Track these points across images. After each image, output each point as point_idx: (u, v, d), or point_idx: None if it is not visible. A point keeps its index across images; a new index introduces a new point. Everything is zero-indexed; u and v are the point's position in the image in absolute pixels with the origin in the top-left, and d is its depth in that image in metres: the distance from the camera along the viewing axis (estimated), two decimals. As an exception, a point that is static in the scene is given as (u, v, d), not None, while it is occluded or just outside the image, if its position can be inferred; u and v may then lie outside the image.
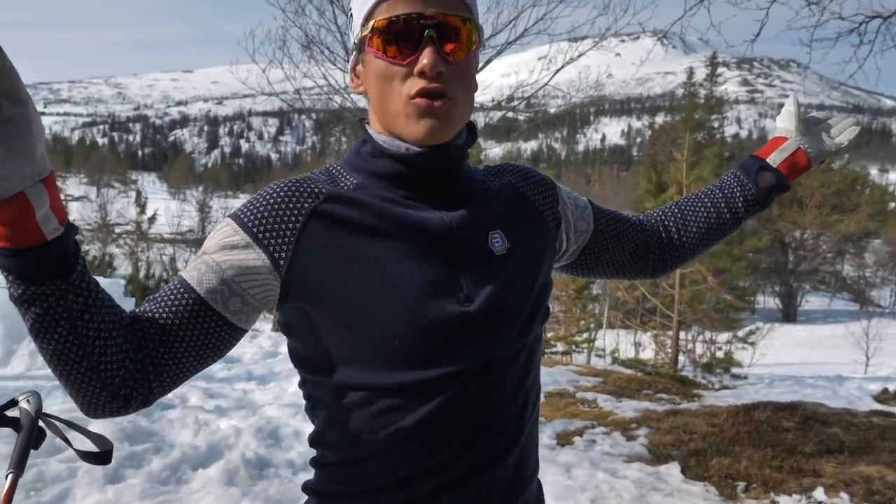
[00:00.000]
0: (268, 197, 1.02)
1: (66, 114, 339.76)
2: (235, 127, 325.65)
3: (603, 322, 24.39)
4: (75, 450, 1.41)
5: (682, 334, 12.84)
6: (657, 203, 15.72)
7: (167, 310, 0.98)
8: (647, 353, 17.59)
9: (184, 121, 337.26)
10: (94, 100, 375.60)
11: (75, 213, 41.83)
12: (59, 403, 5.09)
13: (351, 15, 1.07)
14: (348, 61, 1.13)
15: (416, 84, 0.98)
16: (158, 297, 1.00)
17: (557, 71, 11.51)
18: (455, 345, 1.01)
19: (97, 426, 4.53)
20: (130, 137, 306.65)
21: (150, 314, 0.98)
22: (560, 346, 17.28)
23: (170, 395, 5.55)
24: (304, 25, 10.16)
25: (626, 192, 37.22)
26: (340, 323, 0.99)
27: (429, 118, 0.99)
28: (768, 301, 39.77)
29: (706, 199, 1.41)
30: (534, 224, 1.17)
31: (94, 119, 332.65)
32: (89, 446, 1.41)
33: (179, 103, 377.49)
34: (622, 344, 20.37)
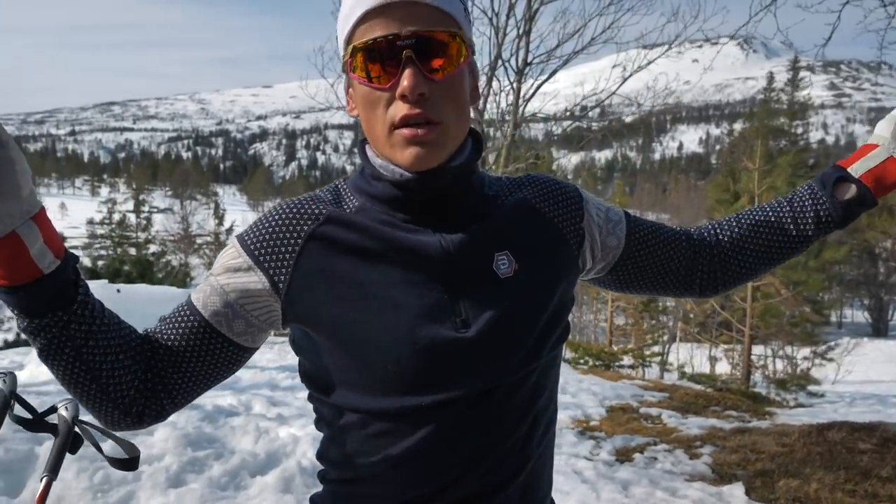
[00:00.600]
0: (270, 219, 1.03)
1: (153, 129, 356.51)
2: (312, 140, 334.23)
3: (676, 335, 23.74)
4: (105, 456, 1.47)
5: (755, 349, 12.34)
6: (727, 214, 15.20)
7: (175, 331, 1.01)
8: (723, 368, 17.02)
9: (263, 134, 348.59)
10: (180, 115, 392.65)
11: (159, 224, 43.84)
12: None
13: (337, 37, 1.04)
14: None
15: (399, 109, 0.94)
16: (169, 318, 1.03)
17: (626, 80, 11.36)
18: (450, 371, 0.99)
19: (162, 432, 4.71)
20: (213, 151, 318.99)
21: (159, 335, 1.02)
22: (627, 360, 16.89)
23: (234, 402, 5.70)
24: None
25: (702, 201, 36.19)
26: (337, 346, 1.00)
27: (415, 146, 0.95)
28: (857, 315, 37.83)
29: (770, 214, 1.25)
30: (549, 242, 1.11)
31: (178, 134, 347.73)
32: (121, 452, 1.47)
33: (259, 118, 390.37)
34: (697, 358, 19.76)
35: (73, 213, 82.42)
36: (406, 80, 0.91)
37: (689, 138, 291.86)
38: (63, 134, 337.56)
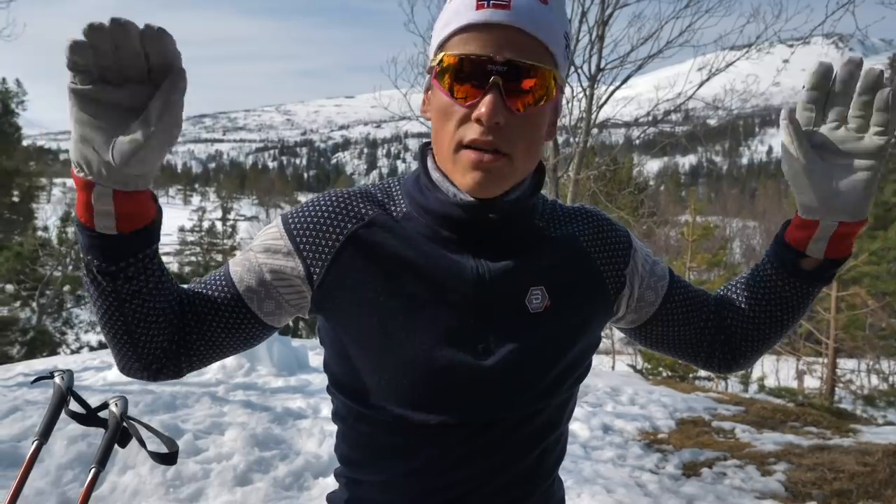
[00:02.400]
0: (317, 208, 1.04)
1: (241, 140, 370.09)
2: (392, 148, 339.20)
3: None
4: (147, 451, 1.56)
5: (845, 363, 11.71)
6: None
7: (207, 299, 1.03)
8: (812, 382, 16.22)
9: (345, 144, 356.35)
10: (266, 126, 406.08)
11: (244, 231, 45.43)
12: (207, 408, 5.56)
13: (432, 36, 1.02)
14: None
15: (470, 131, 0.92)
16: (204, 282, 1.06)
17: (703, 83, 11.05)
18: (462, 396, 0.99)
19: (232, 432, 4.89)
20: (297, 161, 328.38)
21: (192, 299, 1.03)
22: (703, 372, 16.30)
23: (303, 405, 5.85)
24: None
25: (791, 207, 34.62)
26: (357, 349, 1.01)
27: (477, 171, 0.93)
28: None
29: (754, 276, 1.18)
30: (588, 284, 1.09)
31: (265, 144, 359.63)
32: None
33: (342, 127, 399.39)
34: (782, 371, 18.92)
35: (166, 221, 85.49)
36: (485, 105, 0.90)
37: (779, 142, 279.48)
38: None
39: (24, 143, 29.49)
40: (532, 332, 1.01)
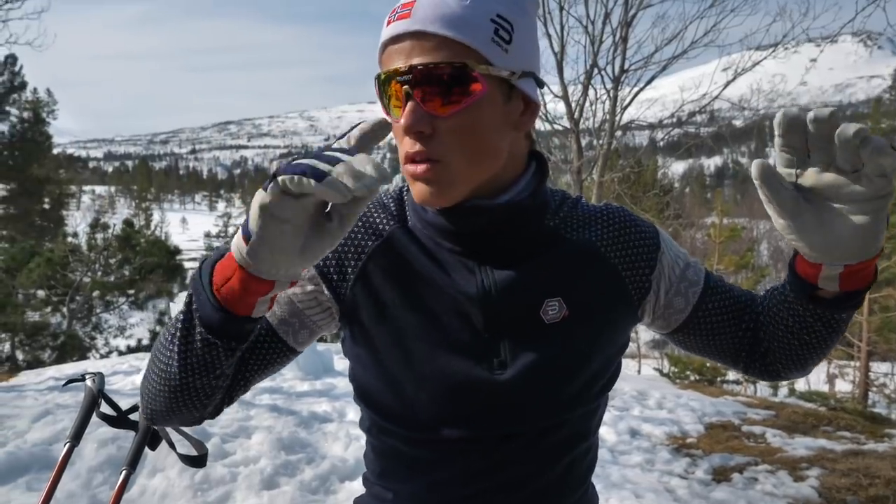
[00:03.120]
0: None
1: (265, 146, 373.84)
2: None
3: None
4: (178, 453, 1.57)
5: (879, 366, 11.49)
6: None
7: None
8: (843, 387, 15.94)
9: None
10: (290, 132, 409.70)
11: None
12: (234, 412, 5.59)
13: None
14: None
15: (405, 145, 0.91)
16: None
17: (728, 83, 10.94)
18: (480, 411, 0.98)
19: (258, 435, 4.92)
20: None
21: None
22: (732, 375, 16.10)
23: (329, 409, 5.87)
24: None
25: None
26: (378, 364, 1.01)
27: (417, 183, 0.92)
28: None
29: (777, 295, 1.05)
30: (609, 291, 1.03)
31: (289, 150, 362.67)
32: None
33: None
34: (813, 375, 18.60)
35: (192, 226, 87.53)
36: (404, 117, 0.87)
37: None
38: (185, 152, 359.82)
39: (54, 151, 30.08)
40: (550, 343, 0.98)
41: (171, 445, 1.60)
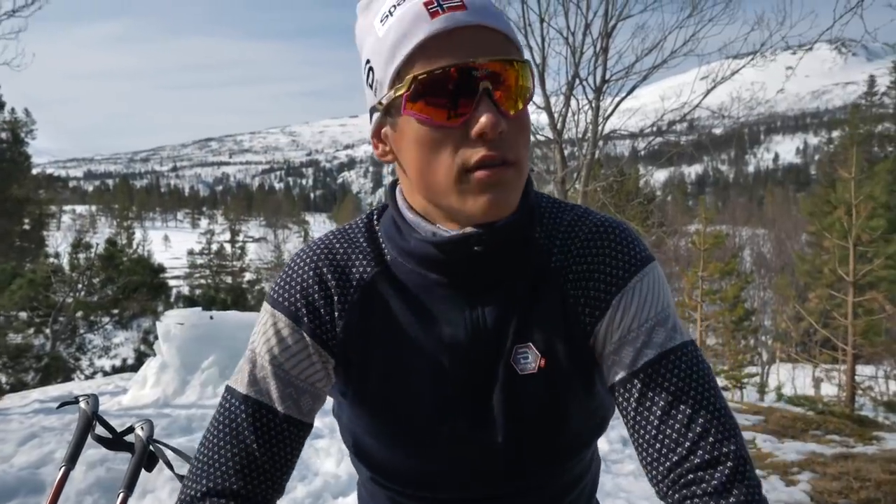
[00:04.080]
0: (309, 280, 0.95)
1: (247, 162, 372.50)
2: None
3: (775, 355, 22.58)
4: (176, 474, 1.55)
5: (864, 369, 11.59)
6: (822, 226, 14.37)
7: (240, 446, 0.91)
8: (829, 390, 16.07)
9: (351, 163, 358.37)
10: (272, 148, 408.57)
11: (253, 253, 45.62)
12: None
13: (370, 69, 0.88)
14: None
15: (474, 151, 0.81)
16: (230, 430, 0.92)
17: (708, 92, 11.06)
18: (475, 471, 0.95)
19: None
20: (303, 181, 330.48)
21: (235, 463, 0.90)
22: (721, 382, 16.18)
23: (319, 425, 5.86)
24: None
25: (801, 213, 34.51)
26: (368, 422, 0.97)
27: (492, 190, 0.82)
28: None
29: None
30: (574, 334, 0.93)
31: (271, 166, 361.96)
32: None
33: (347, 147, 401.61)
34: (799, 379, 18.76)
35: (175, 244, 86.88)
36: (485, 117, 0.78)
37: (786, 149, 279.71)
38: (166, 170, 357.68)
39: (34, 171, 29.79)
40: (527, 397, 0.92)
41: (169, 466, 1.58)
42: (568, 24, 11.04)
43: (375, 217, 1.00)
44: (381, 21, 0.85)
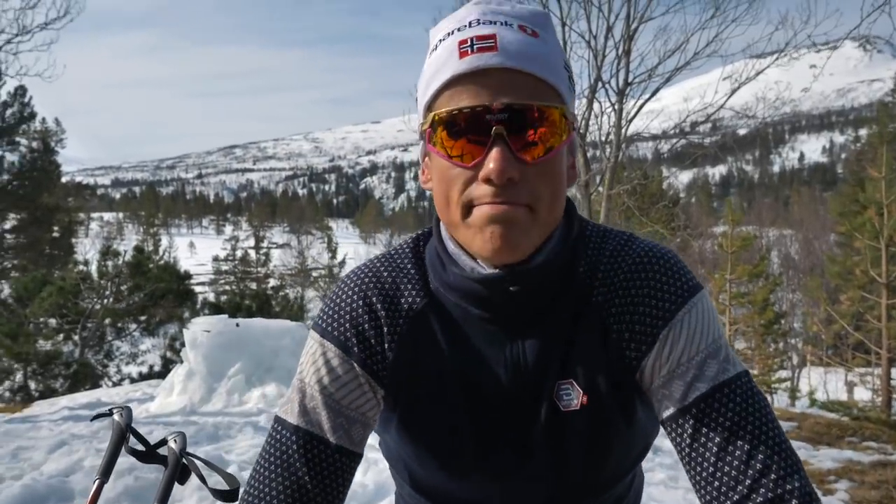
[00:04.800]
0: (361, 310, 0.94)
1: (271, 169, 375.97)
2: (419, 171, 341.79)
3: (806, 360, 22.22)
4: (209, 488, 1.53)
5: (893, 372, 11.34)
6: (852, 226, 14.08)
7: (293, 479, 0.90)
8: (863, 394, 15.76)
9: (373, 168, 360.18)
10: (295, 154, 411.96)
11: (277, 259, 45.95)
12: (250, 438, 5.54)
13: (416, 97, 0.90)
14: None
15: (480, 192, 0.81)
16: (281, 462, 0.91)
17: (733, 92, 10.95)
18: (510, 500, 0.97)
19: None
20: (326, 187, 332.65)
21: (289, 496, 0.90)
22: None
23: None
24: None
25: (828, 214, 33.99)
26: (410, 440, 0.96)
27: (494, 226, 0.81)
28: None
29: None
30: (617, 370, 0.90)
31: (294, 172, 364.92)
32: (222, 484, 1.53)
33: (369, 153, 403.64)
34: (831, 384, 18.45)
35: (200, 251, 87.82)
36: (493, 161, 0.78)
37: (811, 148, 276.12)
38: (191, 177, 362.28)
39: (63, 179, 30.30)
40: (573, 432, 0.91)
41: (202, 479, 1.56)
42: (590, 28, 11.02)
43: (422, 242, 1.00)
44: (431, 51, 0.87)
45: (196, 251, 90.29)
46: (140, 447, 1.65)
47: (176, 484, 1.66)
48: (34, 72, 10.30)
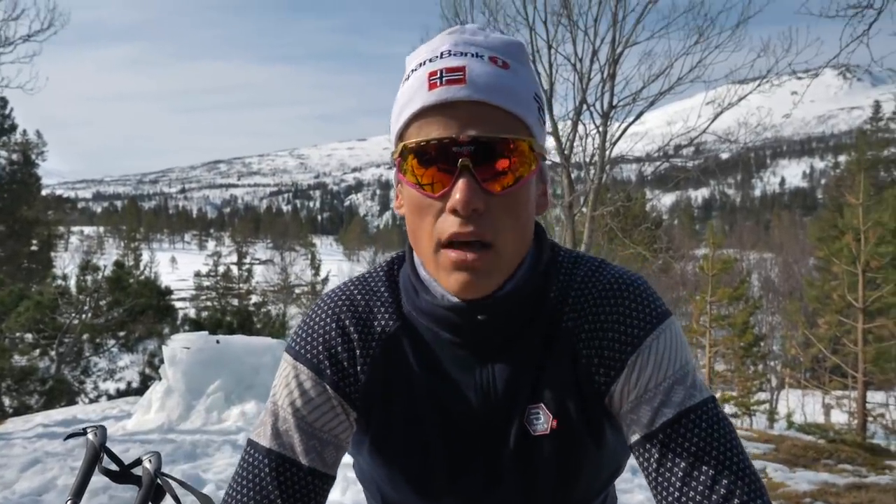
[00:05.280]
0: (333, 333, 0.95)
1: (255, 185, 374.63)
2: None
3: (784, 382, 22.37)
4: (183, 510, 1.52)
5: (875, 396, 11.46)
6: (831, 251, 14.28)
7: (280, 495, 0.90)
8: (840, 417, 15.88)
9: (358, 186, 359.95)
10: (280, 170, 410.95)
11: (260, 275, 45.66)
12: (228, 457, 5.49)
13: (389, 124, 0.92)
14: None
15: (448, 224, 0.82)
16: (254, 485, 0.92)
17: (716, 117, 11.14)
18: None
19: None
20: (311, 204, 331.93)
21: None
22: (729, 409, 16.00)
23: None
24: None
25: (808, 238, 34.42)
26: (383, 463, 0.97)
27: (462, 272, 0.83)
28: None
29: None
30: (586, 394, 0.92)
31: (279, 188, 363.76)
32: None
33: (354, 170, 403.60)
34: (809, 406, 18.57)
35: (182, 266, 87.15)
36: (459, 192, 0.80)
37: (792, 173, 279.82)
38: (174, 192, 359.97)
39: (43, 192, 30.04)
40: (541, 456, 0.92)
41: (176, 500, 1.56)
42: (576, 51, 11.16)
43: (396, 266, 1.01)
44: (404, 80, 0.88)
45: (178, 266, 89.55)
46: (114, 467, 1.64)
47: (150, 504, 1.65)
48: (16, 84, 10.26)
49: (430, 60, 0.85)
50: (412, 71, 0.87)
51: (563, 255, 0.99)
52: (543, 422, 0.91)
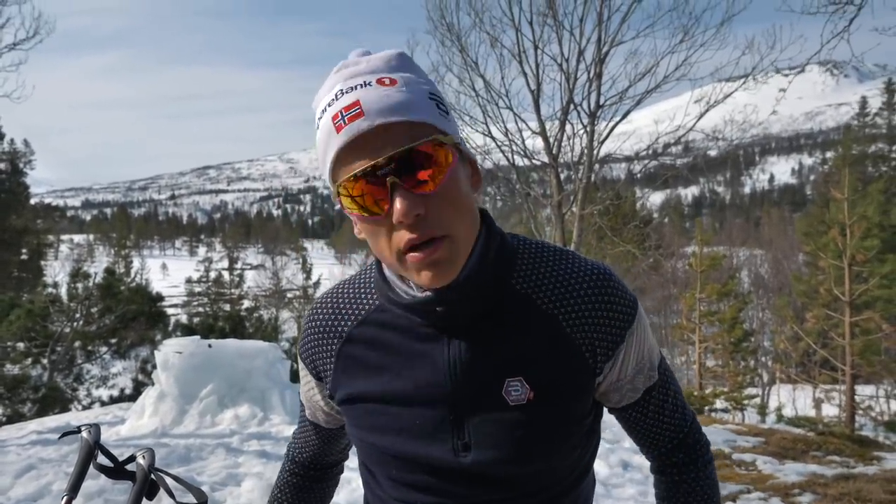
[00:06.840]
0: (313, 335, 1.15)
1: (245, 190, 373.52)
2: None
3: (775, 376, 22.49)
4: (177, 502, 1.56)
5: (864, 389, 11.56)
6: (817, 246, 14.39)
7: (310, 440, 1.32)
8: (830, 411, 16.00)
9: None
10: (270, 175, 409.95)
11: (251, 280, 45.52)
12: (222, 460, 5.51)
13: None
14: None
15: (401, 236, 0.91)
16: (306, 434, 1.33)
17: (702, 115, 11.21)
18: (445, 493, 1.04)
19: (249, 482, 4.85)
20: (301, 208, 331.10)
21: (308, 448, 1.34)
22: (720, 404, 16.09)
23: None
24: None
25: (797, 235, 34.61)
26: (356, 439, 1.12)
27: (428, 269, 0.92)
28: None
29: None
30: (573, 371, 1.02)
31: (269, 193, 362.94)
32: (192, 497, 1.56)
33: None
34: (799, 400, 18.70)
35: (173, 272, 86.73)
36: (397, 206, 0.88)
37: (781, 170, 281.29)
38: (164, 198, 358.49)
39: (32, 201, 29.88)
40: (515, 425, 0.99)
41: (171, 494, 1.60)
42: (562, 51, 11.24)
43: (373, 268, 1.12)
44: (316, 129, 0.96)
45: (169, 273, 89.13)
46: (108, 463, 1.68)
47: (145, 500, 1.69)
48: (2, 92, 10.23)
49: (330, 105, 0.93)
50: (319, 119, 0.95)
51: (521, 243, 1.08)
52: (521, 393, 0.99)
